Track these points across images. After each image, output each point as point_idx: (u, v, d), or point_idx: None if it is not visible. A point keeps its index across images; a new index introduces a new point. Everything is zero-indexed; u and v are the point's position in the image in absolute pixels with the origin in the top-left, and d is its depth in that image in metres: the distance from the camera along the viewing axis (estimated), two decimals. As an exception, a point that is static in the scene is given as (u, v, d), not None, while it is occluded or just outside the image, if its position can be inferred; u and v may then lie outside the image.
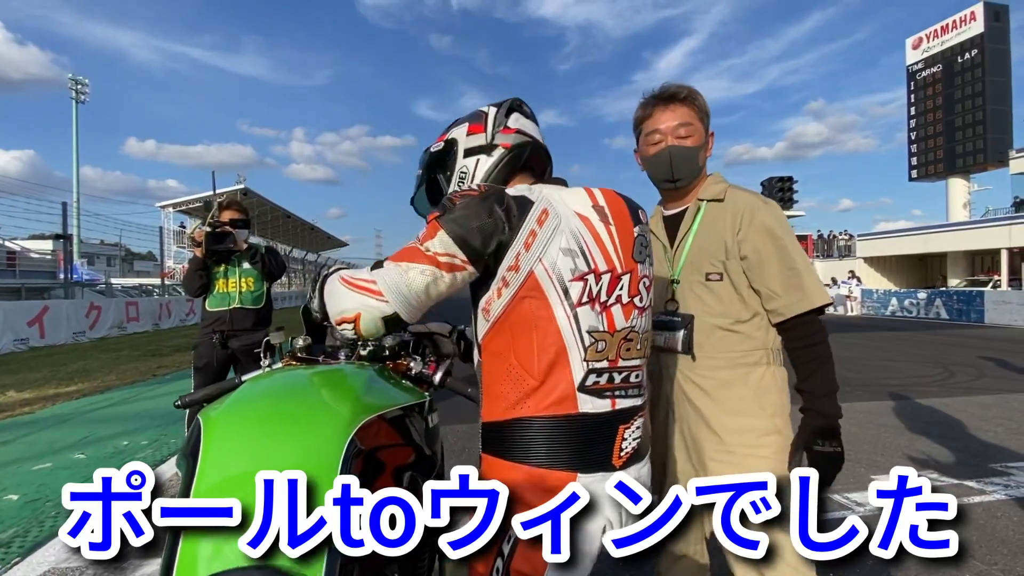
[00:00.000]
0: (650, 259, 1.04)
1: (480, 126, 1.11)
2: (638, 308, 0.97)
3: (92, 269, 37.43)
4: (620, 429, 0.94)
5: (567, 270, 0.90)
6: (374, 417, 0.86)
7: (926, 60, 26.20)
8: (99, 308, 13.43)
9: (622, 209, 0.99)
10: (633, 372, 0.97)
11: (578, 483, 0.86)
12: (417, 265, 0.90)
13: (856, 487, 3.12)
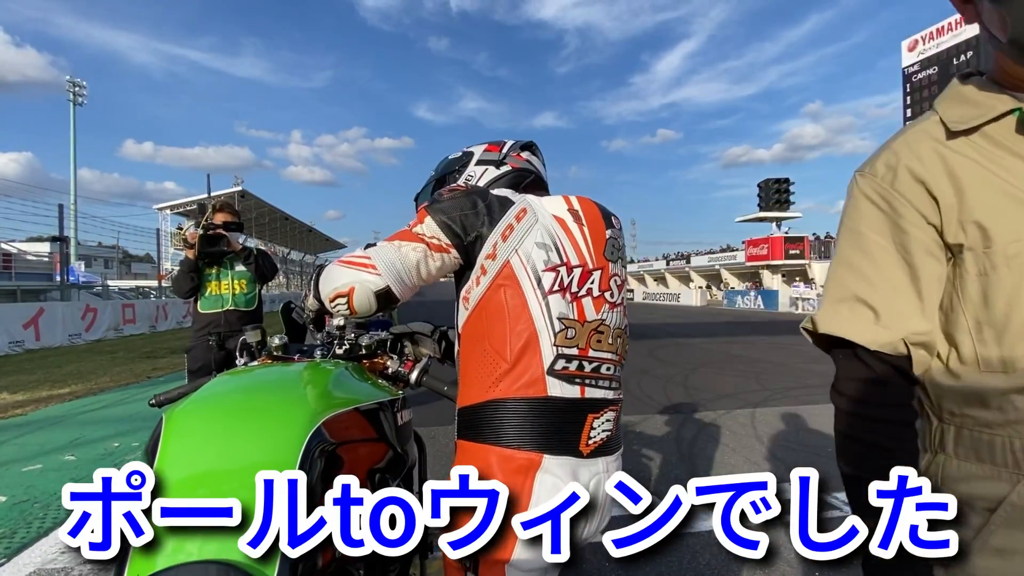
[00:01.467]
0: (622, 260, 1.09)
1: (497, 147, 1.22)
2: (608, 303, 1.02)
3: (90, 271, 37.31)
4: (589, 417, 0.96)
5: (540, 261, 0.96)
6: (339, 413, 0.83)
7: (921, 62, 26.26)
8: (95, 310, 13.37)
9: (595, 213, 1.06)
10: (604, 364, 1.00)
11: (544, 464, 0.90)
12: (410, 243, 0.96)
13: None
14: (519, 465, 0.91)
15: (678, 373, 7.23)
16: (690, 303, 32.96)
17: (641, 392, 5.93)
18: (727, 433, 4.26)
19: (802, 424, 4.51)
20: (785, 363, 8.18)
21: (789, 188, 30.44)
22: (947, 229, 0.68)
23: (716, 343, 11.21)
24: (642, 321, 18.45)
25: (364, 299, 0.94)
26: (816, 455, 3.69)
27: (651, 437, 4.15)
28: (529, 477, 0.90)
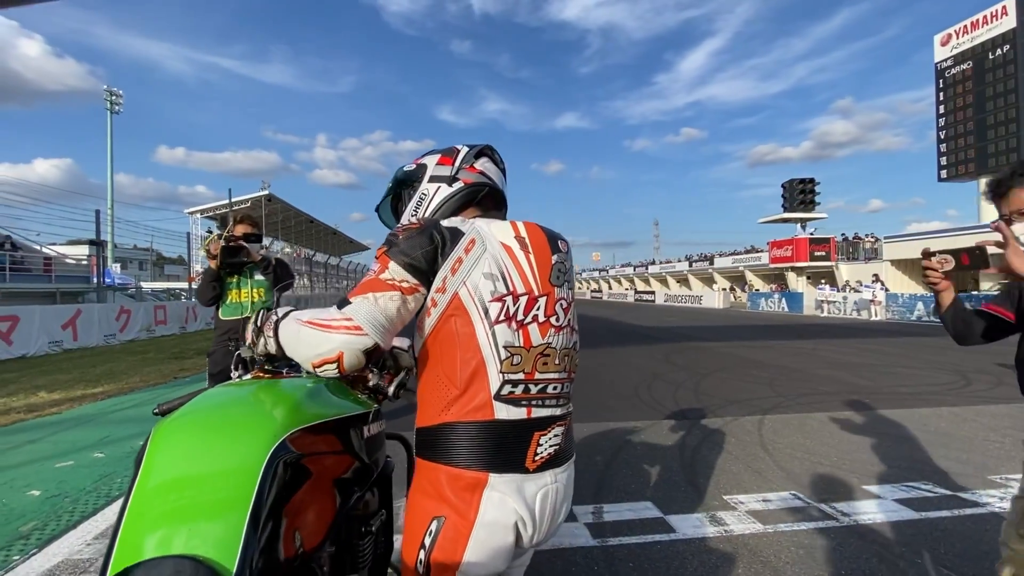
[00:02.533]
0: (568, 284, 1.14)
1: (450, 159, 1.22)
2: (554, 327, 1.07)
3: (125, 273, 38.76)
4: (535, 435, 1.03)
5: (487, 292, 1.01)
6: (305, 427, 0.94)
7: (955, 57, 25.40)
8: (129, 312, 13.95)
9: (542, 240, 1.11)
10: (551, 384, 1.06)
11: (490, 481, 0.97)
12: (384, 293, 0.98)
13: (844, 497, 3.10)
14: (467, 483, 0.98)
15: (690, 378, 7.20)
16: (712, 306, 32.47)
17: (650, 397, 5.95)
18: (732, 440, 4.26)
19: (810, 431, 4.48)
20: (802, 369, 8.06)
21: (814, 188, 29.75)
22: None
23: (733, 347, 11.08)
24: (659, 325, 18.30)
25: (354, 360, 0.98)
26: (819, 463, 3.68)
27: (654, 443, 4.19)
28: (477, 494, 0.98)
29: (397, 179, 1.28)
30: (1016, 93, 23.09)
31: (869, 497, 3.10)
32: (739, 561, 2.39)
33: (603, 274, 64.02)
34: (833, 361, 8.82)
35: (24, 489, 3.29)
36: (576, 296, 1.25)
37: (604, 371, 7.97)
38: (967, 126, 25.03)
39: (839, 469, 3.57)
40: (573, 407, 1.18)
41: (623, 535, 2.64)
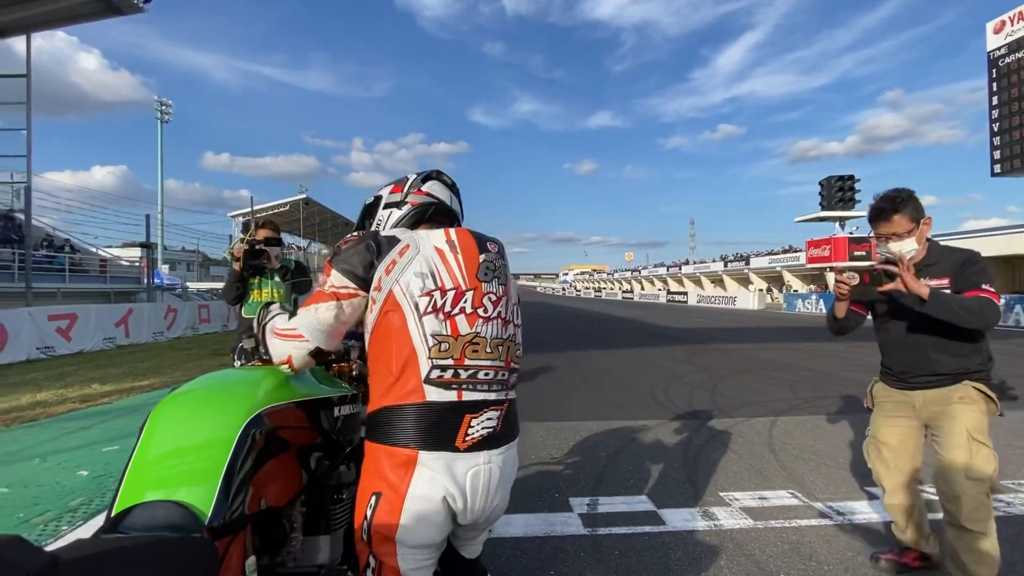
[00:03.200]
0: (498, 279, 1.25)
1: (400, 187, 1.40)
2: (482, 317, 1.19)
3: (173, 274, 40.83)
4: (467, 417, 1.14)
5: (417, 288, 1.15)
6: (277, 405, 1.12)
7: (1010, 45, 23.96)
8: (175, 311, 14.79)
9: (469, 242, 1.25)
10: (482, 370, 1.17)
11: (420, 459, 1.09)
12: (322, 304, 1.18)
13: (843, 498, 3.11)
14: (401, 461, 1.10)
15: (709, 380, 7.17)
16: (747, 307, 31.69)
17: (664, 398, 5.98)
18: (739, 440, 4.28)
19: (821, 433, 4.45)
20: (827, 371, 7.89)
21: (854, 186, 28.61)
22: None
23: (760, 349, 10.89)
24: (688, 326, 18.05)
25: (302, 360, 1.21)
26: (824, 464, 3.67)
27: (659, 441, 4.25)
28: (409, 470, 1.10)
29: (362, 212, 1.47)
30: (1078, 81, 21.67)
31: (869, 498, 3.10)
32: (723, 553, 2.46)
33: (635, 274, 63.24)
34: (862, 364, 8.58)
35: (75, 469, 3.65)
36: (608, 297, 1.38)
37: (622, 371, 8.01)
38: (1022, 118, 23.62)
39: (844, 470, 3.56)
40: (516, 395, 1.30)
41: (614, 526, 2.75)
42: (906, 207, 2.04)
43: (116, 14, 16.52)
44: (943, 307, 1.90)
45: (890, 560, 2.31)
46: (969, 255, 2.07)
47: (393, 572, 1.12)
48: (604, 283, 77.52)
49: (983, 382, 2.05)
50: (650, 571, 2.32)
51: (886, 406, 2.27)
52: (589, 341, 12.81)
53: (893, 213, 2.05)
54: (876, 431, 2.29)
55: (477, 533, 1.32)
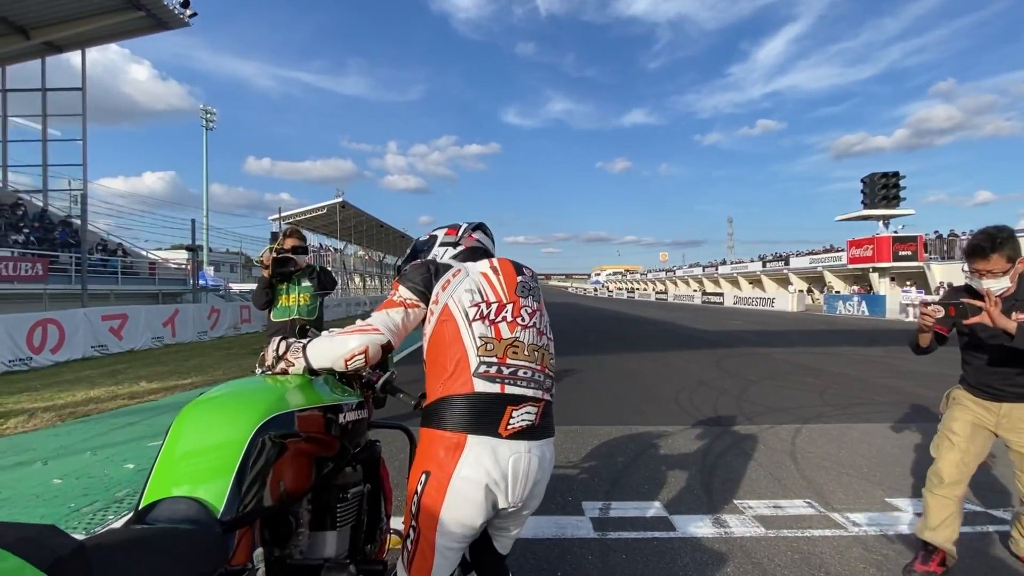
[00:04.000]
0: (533, 296, 1.49)
1: (455, 231, 1.71)
2: (520, 325, 1.40)
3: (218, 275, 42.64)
4: (508, 408, 1.31)
5: (467, 300, 1.39)
6: (293, 409, 1.24)
7: (1074, 31, 22.50)
8: (218, 311, 15.48)
9: (509, 268, 1.51)
10: (521, 369, 1.35)
11: (468, 442, 1.26)
12: (393, 308, 1.43)
13: (862, 509, 3.05)
14: (450, 443, 1.27)
15: (737, 385, 7.06)
16: (786, 308, 30.75)
17: (689, 403, 5.94)
18: (762, 448, 4.24)
19: (846, 442, 4.35)
20: (863, 378, 7.64)
21: (898, 183, 27.32)
22: None
23: (793, 353, 10.60)
24: (720, 329, 17.67)
25: (376, 351, 1.40)
26: (846, 473, 3.61)
27: (678, 448, 4.25)
28: (458, 451, 1.26)
29: (415, 247, 1.74)
30: None
31: (890, 510, 3.04)
32: (731, 561, 2.48)
33: (669, 275, 62.18)
34: (901, 370, 8.27)
35: (122, 463, 3.94)
36: (640, 298, 1.51)
37: (648, 376, 7.97)
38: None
39: (867, 481, 3.49)
40: (552, 398, 1.44)
41: (623, 530, 2.79)
42: (1005, 247, 2.16)
43: (164, 28, 17.41)
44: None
45: (922, 570, 2.32)
46: None
47: (429, 544, 1.27)
48: (637, 284, 76.50)
49: None
50: (656, 574, 2.36)
51: (965, 404, 2.42)
52: (616, 344, 12.74)
53: (992, 252, 2.16)
54: (950, 423, 2.43)
55: (514, 523, 1.44)
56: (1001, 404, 2.31)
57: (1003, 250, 2.15)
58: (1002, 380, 2.28)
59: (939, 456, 2.42)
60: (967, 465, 2.35)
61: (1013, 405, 2.27)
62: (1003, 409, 2.30)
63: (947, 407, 2.52)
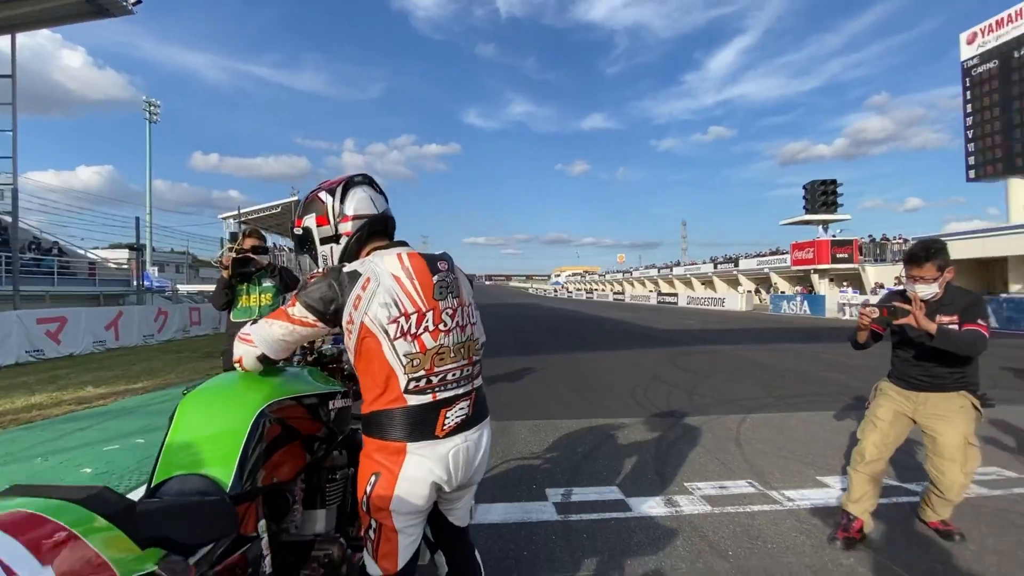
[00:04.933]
0: (452, 294, 1.44)
1: (324, 218, 1.49)
2: (443, 331, 1.39)
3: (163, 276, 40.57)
4: (442, 411, 1.37)
5: (384, 317, 1.33)
6: (280, 399, 1.36)
7: (981, 55, 24.59)
8: (166, 313, 14.85)
9: (422, 267, 1.42)
10: (450, 373, 1.40)
11: (408, 448, 1.34)
12: (278, 322, 1.39)
13: (795, 486, 3.39)
14: (393, 451, 1.34)
15: (689, 380, 7.46)
16: (735, 308, 32.15)
17: (644, 398, 6.25)
18: (710, 436, 4.56)
19: (786, 430, 4.74)
20: (804, 371, 8.21)
21: (836, 190, 29.23)
22: None
23: (742, 350, 11.21)
24: (675, 328, 18.38)
25: (251, 362, 1.40)
26: (784, 457, 3.96)
27: (634, 438, 4.51)
28: (400, 456, 1.34)
29: (297, 241, 1.57)
30: (1049, 90, 22.34)
31: (820, 486, 3.38)
32: (680, 535, 2.73)
33: (626, 276, 63.72)
34: (835, 364, 8.93)
35: (78, 468, 3.84)
36: (599, 298, 1.56)
37: (606, 373, 8.29)
38: (994, 125, 24.26)
39: (801, 462, 3.85)
40: (481, 381, 1.53)
41: (584, 513, 3.00)
42: (937, 257, 2.51)
43: (106, 16, 16.52)
44: (945, 340, 2.41)
45: (844, 538, 2.63)
46: (975, 298, 2.57)
47: (391, 530, 1.37)
48: (596, 284, 77.97)
49: (973, 394, 2.59)
50: (613, 550, 2.57)
51: (890, 393, 2.77)
52: (576, 343, 13.08)
53: (926, 261, 2.52)
54: (875, 410, 2.79)
55: (460, 497, 1.55)
56: (919, 393, 2.65)
57: (935, 260, 2.51)
58: (922, 372, 2.64)
59: (863, 438, 2.75)
60: (887, 446, 2.69)
61: (929, 394, 2.62)
62: (920, 397, 2.64)
63: (874, 397, 2.86)
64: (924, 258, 2.53)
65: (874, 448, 2.68)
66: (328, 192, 1.51)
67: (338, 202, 1.49)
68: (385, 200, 1.58)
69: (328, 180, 1.55)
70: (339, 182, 1.51)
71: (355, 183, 1.53)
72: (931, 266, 2.52)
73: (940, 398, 2.59)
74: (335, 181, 1.53)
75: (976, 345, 2.42)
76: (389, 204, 1.60)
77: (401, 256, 1.42)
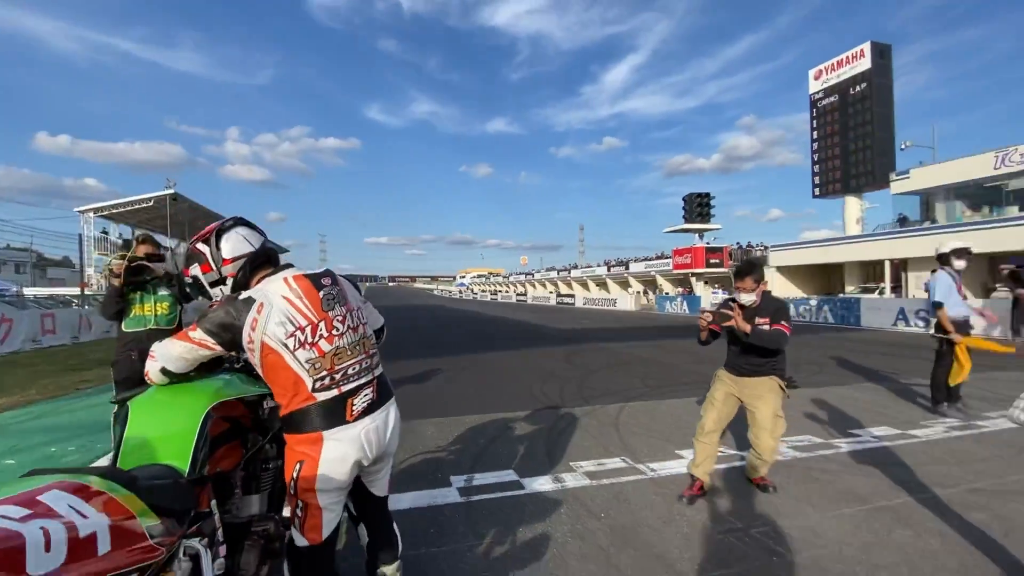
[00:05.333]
0: (339, 303, 1.69)
1: (208, 266, 1.70)
2: (336, 335, 1.64)
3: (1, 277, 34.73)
4: (349, 401, 1.64)
5: (282, 333, 1.57)
6: (223, 400, 1.61)
7: (825, 90, 29.21)
8: (10, 321, 12.93)
9: (306, 285, 1.65)
10: (350, 367, 1.65)
11: (324, 436, 1.61)
12: (180, 342, 1.58)
13: (658, 460, 4.09)
14: (311, 440, 1.60)
15: (580, 375, 8.21)
16: (625, 308, 34.77)
17: (540, 392, 6.84)
18: (594, 423, 5.21)
19: (657, 414, 5.54)
20: (678, 365, 9.37)
21: (709, 202, 32.97)
22: None
23: (627, 347, 12.38)
24: (571, 327, 19.57)
25: (156, 376, 1.57)
26: (652, 436, 4.69)
27: (529, 427, 5.03)
28: (318, 444, 1.60)
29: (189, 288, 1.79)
30: (871, 124, 27.01)
31: (676, 458, 4.11)
32: (564, 504, 3.24)
33: (529, 278, 65.84)
34: (701, 357, 10.25)
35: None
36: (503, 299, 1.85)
37: (507, 371, 8.82)
38: (835, 151, 28.86)
39: (665, 440, 4.60)
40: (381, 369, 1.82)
41: (484, 494, 3.41)
42: (754, 272, 3.30)
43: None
44: (757, 338, 3.21)
45: (689, 495, 3.29)
46: (781, 304, 3.36)
47: (316, 508, 1.65)
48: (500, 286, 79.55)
49: (780, 377, 3.35)
50: (508, 521, 3.01)
51: (723, 379, 3.52)
52: (480, 344, 13.56)
53: (746, 275, 3.29)
54: (713, 392, 3.53)
55: (380, 469, 1.86)
56: (744, 378, 3.40)
57: (753, 275, 3.28)
58: (746, 362, 3.39)
59: (704, 414, 3.47)
60: (721, 421, 3.42)
61: (750, 379, 3.38)
62: (744, 382, 3.40)
63: (714, 382, 3.59)
64: (746, 272, 3.31)
65: (712, 423, 3.40)
66: (203, 242, 1.70)
67: (215, 249, 1.69)
68: (260, 234, 1.78)
69: (200, 231, 1.75)
70: (210, 231, 1.71)
71: (226, 228, 1.72)
72: (750, 280, 3.29)
73: (757, 382, 3.36)
74: (207, 231, 1.72)
75: (779, 341, 3.20)
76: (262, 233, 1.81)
77: (287, 279, 1.65)
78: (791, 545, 2.72)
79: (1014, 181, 19.00)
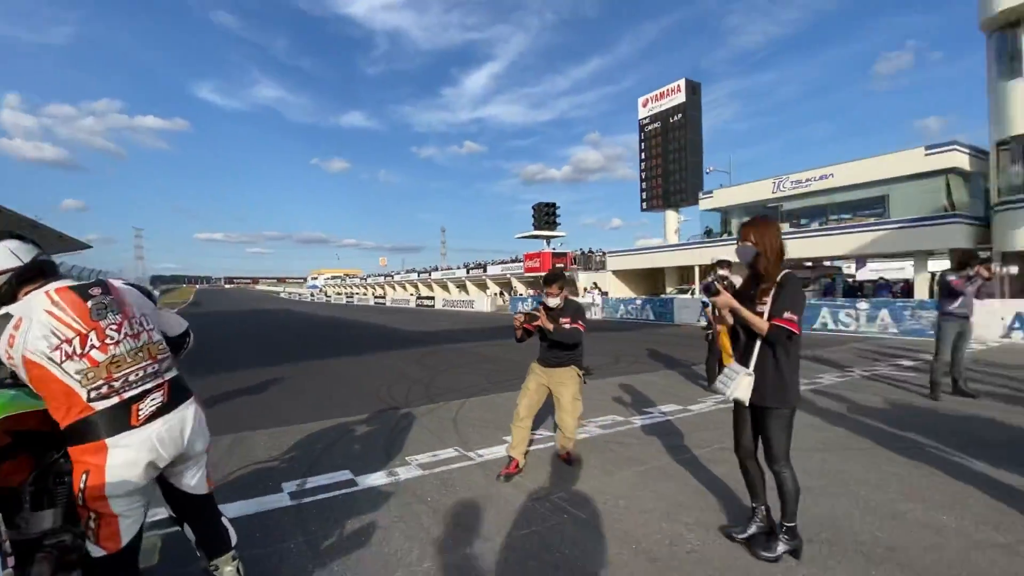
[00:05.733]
0: (113, 312, 1.71)
1: None
2: (112, 343, 1.67)
3: None
4: (134, 407, 1.66)
5: (46, 347, 1.57)
6: (13, 414, 1.59)
7: (651, 116, 33.65)
8: None
9: (71, 297, 1.67)
10: (131, 375, 1.68)
11: (107, 443, 1.63)
12: None
13: (487, 446, 4.57)
14: (94, 450, 1.61)
15: (428, 375, 8.50)
16: (482, 309, 35.93)
17: (387, 394, 6.97)
18: (435, 419, 5.53)
19: (494, 407, 6.06)
20: (517, 360, 10.10)
21: (555, 212, 35.91)
22: None
23: (478, 347, 12.99)
24: (428, 329, 19.75)
25: None
26: (485, 427, 5.16)
27: (371, 429, 5.18)
28: (102, 452, 1.61)
29: None
30: (685, 149, 31.71)
31: (503, 444, 4.61)
32: (396, 496, 3.50)
33: (388, 280, 64.16)
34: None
35: None
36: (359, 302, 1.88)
37: (356, 375, 8.75)
38: (658, 170, 33.31)
39: (496, 429, 5.10)
40: (176, 372, 1.87)
41: (316, 495, 3.52)
42: (559, 280, 3.98)
43: None
44: (559, 335, 3.84)
45: (506, 474, 3.75)
46: (578, 306, 3.97)
47: (110, 516, 1.66)
48: (357, 288, 76.13)
49: (578, 367, 4.00)
50: (338, 519, 3.17)
51: (535, 370, 4.09)
52: (329, 349, 13.09)
53: (553, 283, 3.94)
54: (527, 382, 4.07)
55: (187, 468, 1.89)
56: (551, 369, 4.00)
57: (558, 283, 3.95)
58: (552, 355, 4.00)
59: (519, 402, 4.00)
60: (533, 408, 3.98)
61: (555, 369, 3.99)
62: (551, 372, 4.00)
63: (528, 374, 4.13)
64: (552, 281, 3.93)
65: (525, 409, 3.94)
66: None
67: None
68: (35, 246, 1.78)
69: None
70: None
71: (8, 239, 1.72)
72: (556, 287, 3.92)
73: (561, 371, 3.99)
74: None
75: (576, 337, 3.87)
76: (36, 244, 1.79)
77: (49, 292, 1.65)
78: (580, 504, 3.33)
79: (786, 203, 23.81)
